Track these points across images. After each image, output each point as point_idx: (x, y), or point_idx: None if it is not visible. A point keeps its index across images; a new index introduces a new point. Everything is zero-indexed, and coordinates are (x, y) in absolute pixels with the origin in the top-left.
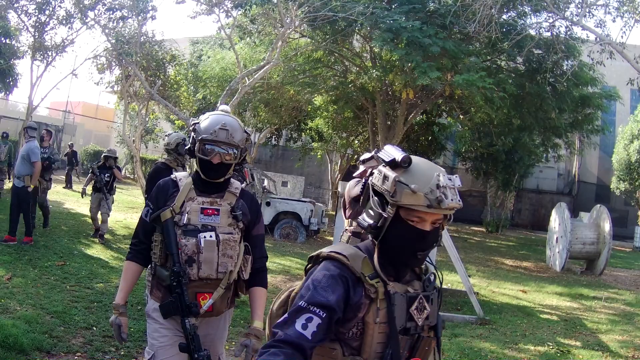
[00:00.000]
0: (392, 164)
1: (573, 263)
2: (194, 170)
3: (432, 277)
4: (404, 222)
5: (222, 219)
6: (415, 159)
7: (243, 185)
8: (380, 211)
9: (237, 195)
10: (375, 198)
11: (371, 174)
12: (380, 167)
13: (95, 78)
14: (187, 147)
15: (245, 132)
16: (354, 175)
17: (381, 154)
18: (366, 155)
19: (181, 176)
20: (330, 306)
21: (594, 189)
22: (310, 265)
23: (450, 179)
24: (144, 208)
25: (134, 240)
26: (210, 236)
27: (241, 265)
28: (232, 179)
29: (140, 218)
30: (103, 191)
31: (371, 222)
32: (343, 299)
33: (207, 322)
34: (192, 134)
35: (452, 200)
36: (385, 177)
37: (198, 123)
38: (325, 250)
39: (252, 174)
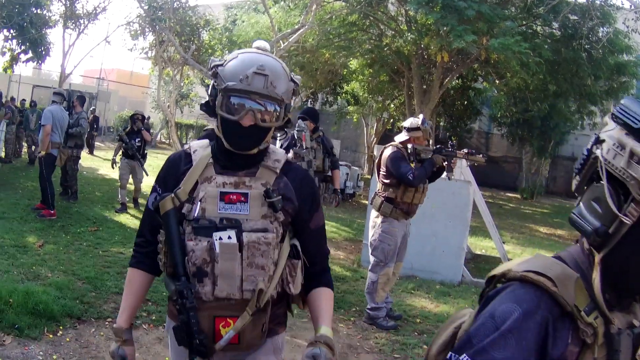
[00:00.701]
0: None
1: None
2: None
3: None
4: None
5: (253, 209)
6: None
7: (290, 155)
8: (615, 209)
9: (278, 171)
10: (608, 186)
11: (597, 141)
12: (619, 135)
13: (128, 44)
14: (203, 102)
15: (293, 80)
16: (395, 138)
17: (617, 111)
18: (413, 123)
19: (197, 146)
20: None
21: None
22: (488, 288)
23: None
24: (151, 194)
25: (138, 240)
26: (229, 237)
27: (286, 276)
28: (272, 147)
29: (146, 208)
30: (137, 157)
31: (597, 224)
32: (536, 353)
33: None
34: (213, 80)
35: None
36: (632, 154)
37: (221, 65)
38: (516, 267)
39: (321, 140)
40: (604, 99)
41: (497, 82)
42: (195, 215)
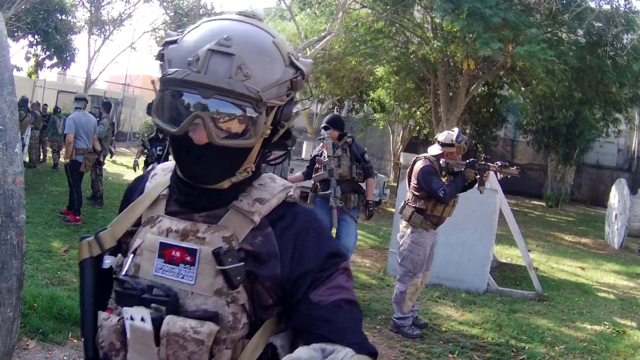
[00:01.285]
0: None
1: (631, 241)
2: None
3: None
4: None
5: (202, 277)
6: None
7: (291, 191)
8: None
9: (256, 218)
10: None
11: None
12: None
13: (154, 51)
14: (150, 102)
15: (294, 64)
16: (428, 149)
17: None
18: (447, 138)
19: (160, 169)
20: None
21: None
22: None
23: None
24: None
25: None
26: (143, 319)
27: None
28: (265, 177)
29: None
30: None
31: None
32: None
33: None
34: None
35: None
36: None
37: (175, 42)
38: None
39: (348, 147)
40: (628, 107)
41: (523, 89)
42: (126, 271)
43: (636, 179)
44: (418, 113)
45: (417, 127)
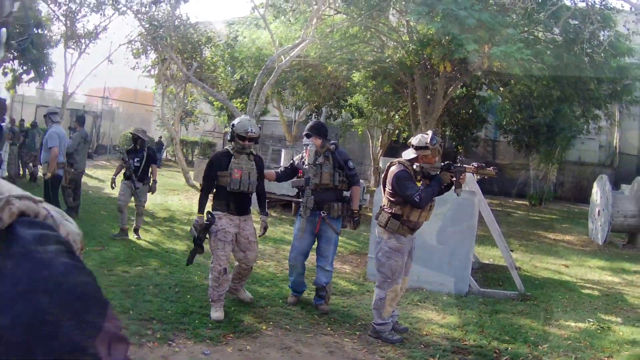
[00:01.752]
0: None
1: (615, 236)
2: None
3: None
4: None
5: None
6: None
7: None
8: None
9: None
10: None
11: None
12: None
13: (131, 63)
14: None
15: None
16: (403, 154)
17: None
18: (421, 141)
19: None
20: None
21: (635, 161)
22: None
23: None
24: None
25: None
26: None
27: None
28: None
29: None
30: (132, 179)
31: None
32: None
33: None
34: None
35: None
36: None
37: None
38: None
39: (330, 154)
40: (608, 103)
41: (501, 89)
42: None
43: (618, 174)
44: (397, 117)
45: (397, 131)
